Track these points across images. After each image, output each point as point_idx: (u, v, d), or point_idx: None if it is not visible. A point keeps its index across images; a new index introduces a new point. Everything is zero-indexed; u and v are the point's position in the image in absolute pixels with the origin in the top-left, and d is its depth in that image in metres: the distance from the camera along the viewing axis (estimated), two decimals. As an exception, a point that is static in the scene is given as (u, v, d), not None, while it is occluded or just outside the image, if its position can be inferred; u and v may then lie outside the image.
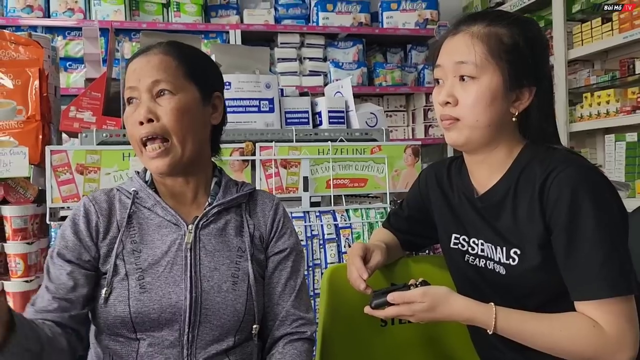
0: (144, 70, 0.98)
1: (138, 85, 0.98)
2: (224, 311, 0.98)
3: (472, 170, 1.09)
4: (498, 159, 1.03)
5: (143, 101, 0.97)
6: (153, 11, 3.39)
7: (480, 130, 0.98)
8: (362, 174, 1.90)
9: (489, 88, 0.96)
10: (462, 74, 0.98)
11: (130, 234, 1.00)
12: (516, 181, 1.00)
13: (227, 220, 1.05)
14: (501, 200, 1.02)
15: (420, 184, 1.24)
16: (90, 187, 1.62)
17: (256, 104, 1.91)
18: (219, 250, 1.02)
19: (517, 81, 0.97)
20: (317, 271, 1.78)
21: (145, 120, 0.96)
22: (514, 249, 0.99)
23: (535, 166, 0.98)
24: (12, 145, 1.60)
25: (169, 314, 0.96)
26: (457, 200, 1.12)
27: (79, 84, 3.11)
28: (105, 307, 0.96)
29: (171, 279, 0.97)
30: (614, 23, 2.81)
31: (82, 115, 1.72)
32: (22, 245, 1.55)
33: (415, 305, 0.97)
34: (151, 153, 0.97)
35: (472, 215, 1.08)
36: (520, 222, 0.99)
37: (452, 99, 0.99)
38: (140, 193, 1.04)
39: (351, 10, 3.64)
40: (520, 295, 0.99)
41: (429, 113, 3.74)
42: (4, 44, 1.72)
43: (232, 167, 1.78)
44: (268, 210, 1.10)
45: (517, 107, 0.99)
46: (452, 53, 1.00)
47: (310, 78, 3.50)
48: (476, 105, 0.97)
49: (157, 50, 1.00)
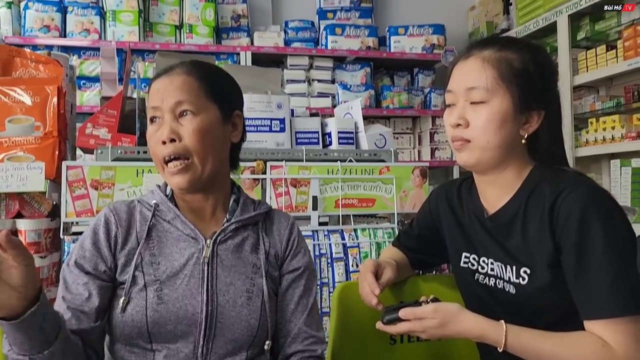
0: (167, 90, 1.00)
1: (161, 105, 1.00)
2: (238, 325, 0.99)
3: (483, 190, 1.11)
4: (508, 180, 1.05)
5: (166, 121, 1.00)
6: (166, 32, 3.47)
7: (491, 151, 1.01)
8: (371, 194, 1.93)
9: (500, 111, 0.99)
10: (473, 100, 1.01)
11: (150, 246, 1.02)
12: (526, 201, 1.02)
13: (244, 237, 1.07)
14: (511, 220, 1.04)
15: (430, 204, 1.26)
16: (104, 202, 1.65)
17: (267, 123, 1.95)
18: (235, 266, 1.04)
19: (527, 104, 1.00)
20: (324, 290, 1.79)
21: (168, 140, 0.99)
22: (524, 268, 1.01)
23: (544, 187, 1.00)
24: (29, 160, 1.64)
25: (185, 325, 0.97)
26: (467, 219, 1.14)
27: (92, 102, 3.17)
28: (122, 317, 0.97)
29: (188, 291, 0.99)
30: (619, 50, 2.86)
31: (98, 132, 1.76)
32: (35, 259, 1.57)
33: (427, 321, 0.98)
34: (172, 170, 1.00)
35: (482, 235, 1.10)
36: (530, 242, 1.01)
37: (463, 121, 1.02)
38: (160, 206, 1.06)
39: (359, 35, 3.71)
40: (530, 315, 1.00)
41: (436, 136, 3.77)
42: (25, 62, 1.77)
43: (243, 185, 1.81)
44: (284, 229, 1.13)
45: (527, 130, 1.02)
46: (463, 78, 1.03)
47: (318, 99, 3.55)
48: (487, 127, 1.00)
49: (180, 70, 1.03)
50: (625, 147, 2.81)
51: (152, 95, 1.02)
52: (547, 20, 3.28)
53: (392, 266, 1.20)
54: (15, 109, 1.67)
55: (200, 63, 1.07)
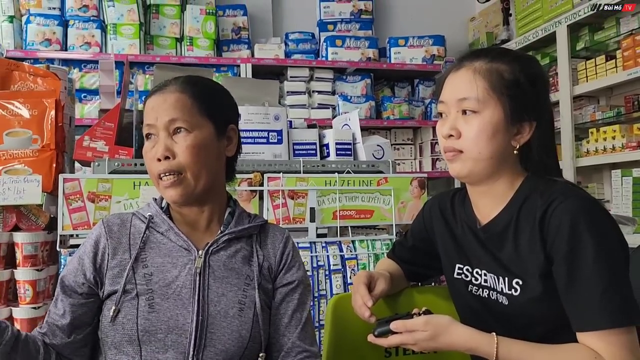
0: (161, 108, 1.03)
1: (155, 123, 1.03)
2: (229, 336, 0.99)
3: (475, 201, 1.11)
4: (500, 191, 1.05)
5: (160, 138, 1.02)
6: (167, 45, 3.49)
7: (483, 162, 1.01)
8: (369, 205, 1.92)
9: (491, 122, 0.99)
10: (465, 109, 1.01)
11: (142, 257, 1.04)
12: (517, 212, 1.02)
13: (237, 249, 1.08)
14: (503, 231, 1.04)
15: (424, 215, 1.26)
16: (100, 214, 1.65)
17: (265, 135, 1.95)
18: (227, 277, 1.04)
19: (518, 115, 1.00)
20: (322, 302, 1.78)
21: (162, 158, 1.01)
22: (516, 279, 1.00)
23: (536, 197, 1.00)
24: (26, 173, 1.64)
25: (175, 335, 0.97)
26: (461, 230, 1.14)
27: (92, 115, 3.18)
28: (113, 325, 0.99)
29: (180, 301, 0.99)
30: (618, 60, 2.86)
31: (95, 144, 1.77)
32: (31, 272, 1.57)
33: (418, 334, 0.98)
34: (165, 182, 1.02)
35: (474, 246, 1.09)
36: (521, 253, 1.00)
37: (455, 132, 1.02)
38: (155, 218, 1.08)
39: (360, 46, 3.72)
40: (522, 326, 1.00)
41: (436, 146, 3.77)
42: (23, 75, 1.79)
43: (240, 197, 1.81)
44: (278, 242, 1.13)
45: (518, 141, 1.02)
46: (454, 89, 1.04)
47: (319, 111, 3.56)
48: (479, 138, 1.00)
49: (174, 87, 1.05)
50: (626, 157, 2.80)
51: (147, 113, 1.05)
52: (547, 31, 3.29)
53: (386, 278, 1.19)
54: (13, 122, 1.68)
55: (194, 79, 1.09)
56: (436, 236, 1.21)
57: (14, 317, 1.57)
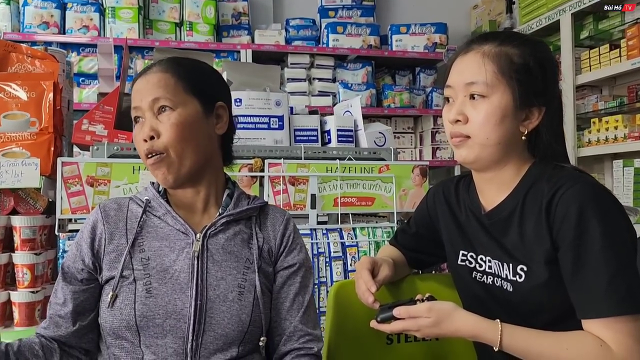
0: (144, 89, 1.02)
1: (141, 104, 1.02)
2: (229, 321, 0.98)
3: (481, 187, 1.09)
4: (506, 177, 1.03)
5: (147, 119, 1.01)
6: (166, 30, 3.45)
7: (490, 148, 0.99)
8: (370, 192, 1.91)
9: (499, 106, 0.97)
10: (473, 93, 0.99)
11: (139, 242, 1.03)
12: (523, 198, 1.01)
13: (236, 231, 1.06)
14: (508, 217, 1.02)
15: (428, 202, 1.25)
16: (99, 199, 1.63)
17: (266, 121, 1.93)
18: (226, 260, 1.03)
19: (527, 100, 0.98)
20: (322, 289, 1.77)
21: (147, 138, 1.00)
22: (521, 266, 0.99)
23: (542, 184, 0.98)
24: (24, 156, 1.62)
25: (174, 320, 0.96)
26: (465, 217, 1.12)
27: (91, 99, 3.15)
28: (111, 311, 0.98)
29: (177, 286, 0.98)
30: (622, 49, 2.83)
31: (94, 128, 1.75)
32: (30, 256, 1.56)
33: (421, 320, 0.97)
34: (149, 162, 1.02)
35: (479, 232, 1.08)
36: (527, 239, 0.99)
37: (462, 117, 1.00)
38: (152, 202, 1.07)
39: (361, 33, 3.68)
40: (527, 313, 0.98)
41: (437, 135, 3.75)
42: (21, 57, 1.76)
43: (241, 182, 1.79)
44: (278, 224, 1.11)
45: (527, 126, 1.00)
46: (462, 73, 1.01)
47: (319, 98, 3.53)
48: (486, 123, 0.97)
49: (157, 68, 1.04)
50: (627, 147, 2.79)
51: (133, 96, 1.04)
52: (550, 19, 3.26)
53: (389, 264, 1.18)
54: (10, 105, 1.66)
55: (177, 59, 1.08)
56: (440, 223, 1.19)
57: (12, 300, 1.56)
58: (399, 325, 0.99)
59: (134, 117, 1.04)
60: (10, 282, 1.61)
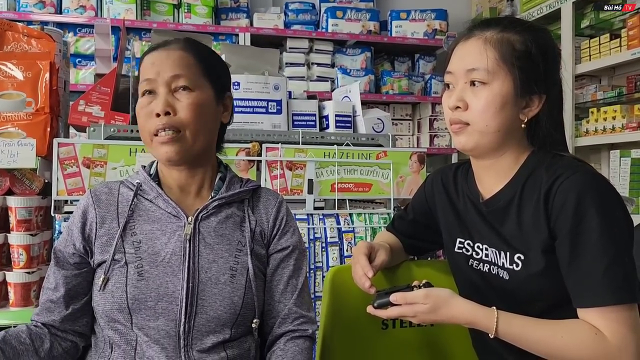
0: (163, 64, 1.01)
1: (157, 78, 1.00)
2: (221, 303, 0.99)
3: (479, 175, 1.09)
4: (505, 165, 1.03)
5: (160, 94, 1.00)
6: (164, 11, 3.41)
7: (490, 135, 0.99)
8: (367, 178, 1.91)
9: (500, 94, 0.96)
10: (473, 79, 0.98)
11: (130, 225, 1.02)
12: (522, 187, 1.00)
13: (228, 214, 1.06)
14: (506, 205, 1.02)
15: (426, 188, 1.24)
16: (96, 180, 1.62)
17: (264, 105, 1.92)
18: (218, 243, 1.03)
19: (528, 88, 0.97)
20: (318, 274, 1.78)
21: (162, 113, 0.98)
22: (518, 254, 0.99)
23: (541, 172, 0.98)
24: (20, 136, 1.61)
25: (166, 303, 0.96)
26: (463, 204, 1.12)
27: (87, 81, 3.13)
28: (103, 294, 0.98)
29: (169, 268, 0.98)
30: (623, 39, 2.82)
31: (90, 109, 1.73)
32: (25, 237, 1.56)
33: (418, 306, 0.97)
34: (162, 138, 0.99)
35: (476, 220, 1.08)
36: (524, 228, 0.99)
37: (462, 104, 0.99)
38: (143, 185, 1.06)
39: (360, 18, 3.65)
40: (523, 301, 0.99)
41: (435, 123, 3.74)
42: (17, 36, 1.74)
43: (238, 166, 1.78)
44: (271, 207, 1.11)
45: (527, 114, 1.00)
46: (463, 59, 1.00)
47: (317, 83, 3.51)
48: (486, 111, 0.97)
49: (177, 46, 1.03)
50: (625, 138, 2.79)
51: (146, 68, 1.02)
52: (551, 7, 3.23)
53: (386, 249, 1.18)
54: (6, 84, 1.64)
55: (195, 41, 1.08)
56: (438, 210, 1.19)
57: (8, 281, 1.56)
58: (396, 311, 0.99)
59: (145, 89, 1.01)
60: (6, 262, 1.61)
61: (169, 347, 0.96)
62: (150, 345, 0.96)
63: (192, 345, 0.97)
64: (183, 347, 0.96)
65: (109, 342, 0.99)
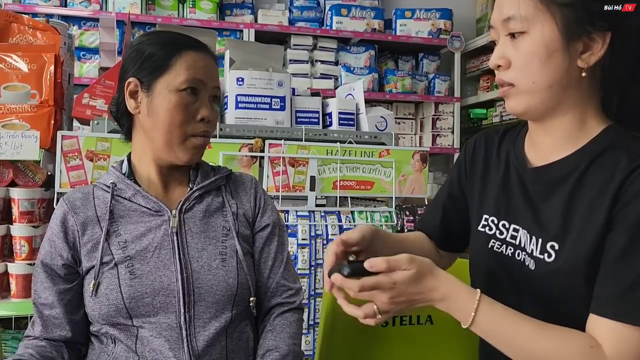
0: (211, 73, 1.05)
1: (207, 82, 1.04)
2: (217, 287, 1.00)
3: (535, 137, 0.92)
4: (569, 128, 0.86)
5: (205, 100, 1.04)
6: (169, 6, 3.41)
7: (540, 93, 0.83)
8: (369, 176, 1.91)
9: (542, 42, 0.80)
10: (511, 31, 0.83)
11: (113, 228, 1.01)
12: (590, 161, 0.83)
13: (208, 202, 1.08)
14: (561, 179, 0.85)
15: (466, 150, 1.07)
16: (99, 174, 1.63)
17: (267, 101, 1.92)
18: (204, 232, 1.04)
19: (578, 28, 0.79)
20: (319, 271, 1.78)
21: (208, 120, 1.03)
22: (552, 243, 0.83)
23: (619, 153, 0.80)
24: (24, 128, 1.61)
25: (163, 297, 0.97)
26: (503, 172, 0.96)
27: (91, 74, 3.13)
28: (96, 298, 0.97)
29: (160, 263, 0.99)
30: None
31: (95, 102, 1.74)
32: (28, 228, 1.56)
33: (398, 274, 0.76)
34: (198, 142, 1.04)
35: (514, 192, 0.92)
36: (574, 211, 0.82)
37: (503, 61, 0.85)
38: (118, 185, 1.05)
39: (365, 16, 3.65)
40: (542, 298, 0.85)
41: (438, 122, 3.74)
42: (22, 28, 1.74)
43: (240, 162, 1.79)
44: (249, 188, 1.15)
45: (587, 60, 0.81)
46: (500, 7, 0.85)
47: (321, 81, 3.51)
48: (529, 65, 0.82)
49: (212, 55, 1.08)
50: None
51: (198, 67, 1.03)
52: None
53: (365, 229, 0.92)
54: (11, 76, 1.64)
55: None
56: (473, 178, 1.02)
57: (10, 272, 1.56)
58: (372, 280, 0.76)
59: (190, 87, 1.01)
60: (8, 253, 1.62)
61: (172, 338, 0.96)
62: (153, 338, 0.96)
63: (196, 334, 0.97)
64: (185, 337, 0.97)
65: (111, 337, 0.99)
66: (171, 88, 1.00)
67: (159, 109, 1.00)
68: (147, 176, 1.07)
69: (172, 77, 1.00)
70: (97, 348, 1.02)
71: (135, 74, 1.02)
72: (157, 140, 1.02)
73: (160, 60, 1.01)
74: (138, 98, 1.03)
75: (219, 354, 0.99)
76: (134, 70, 1.02)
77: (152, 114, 1.01)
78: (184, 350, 0.96)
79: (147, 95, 1.01)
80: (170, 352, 0.95)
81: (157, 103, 1.00)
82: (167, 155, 1.03)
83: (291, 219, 1.78)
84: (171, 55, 1.01)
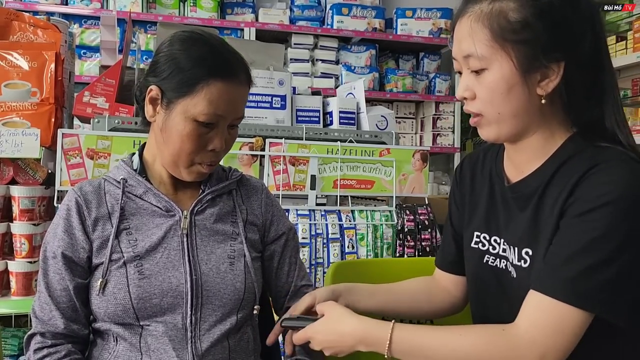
0: (236, 103, 1.00)
1: (227, 116, 0.98)
2: (225, 291, 1.00)
3: (511, 154, 0.96)
4: (539, 144, 0.90)
5: (222, 130, 0.99)
6: (170, 4, 3.41)
7: (507, 122, 0.87)
8: (370, 175, 1.91)
9: (502, 77, 0.84)
10: (471, 68, 0.87)
11: (124, 224, 1.00)
12: (555, 170, 0.88)
13: (220, 206, 1.07)
14: (534, 189, 0.90)
15: (455, 176, 1.12)
16: (99, 172, 1.63)
17: (268, 100, 1.92)
18: (213, 235, 1.04)
19: (534, 61, 0.83)
20: (319, 269, 1.78)
21: (219, 149, 1.00)
22: (526, 249, 0.88)
23: (578, 161, 0.85)
24: (25, 126, 1.61)
25: (171, 298, 0.97)
26: (488, 190, 1.01)
27: (92, 72, 3.13)
28: (103, 296, 0.96)
29: (170, 264, 0.98)
30: (629, 42, 2.82)
31: (95, 100, 1.74)
32: (28, 226, 1.56)
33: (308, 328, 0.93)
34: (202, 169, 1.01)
35: (498, 208, 0.97)
36: (540, 218, 0.87)
37: (468, 93, 0.89)
38: (129, 181, 1.03)
39: (366, 15, 3.65)
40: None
41: (438, 122, 3.74)
42: (23, 26, 1.74)
43: (241, 161, 1.79)
44: (259, 194, 1.14)
45: (545, 88, 0.84)
46: (459, 43, 0.88)
47: (321, 80, 3.51)
48: (493, 98, 0.85)
49: (244, 78, 1.00)
50: (629, 141, 2.77)
51: (221, 101, 0.96)
52: (557, 9, 3.22)
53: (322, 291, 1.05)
54: (11, 74, 1.64)
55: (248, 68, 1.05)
56: (463, 199, 1.07)
57: (10, 270, 1.56)
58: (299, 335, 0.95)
59: (209, 122, 0.96)
60: (8, 251, 1.62)
61: (176, 338, 0.96)
62: (157, 338, 0.96)
63: (200, 336, 0.97)
64: (190, 338, 0.96)
65: (114, 335, 0.98)
66: (188, 115, 0.95)
67: (172, 131, 0.97)
68: (159, 174, 1.05)
69: (193, 103, 0.95)
70: (98, 344, 1.01)
71: (161, 82, 0.98)
72: (164, 155, 1.00)
73: (186, 80, 0.95)
74: (157, 108, 0.99)
75: (222, 355, 0.99)
76: (162, 77, 0.98)
77: (165, 131, 0.98)
78: (188, 351, 0.95)
79: (165, 111, 0.98)
80: (173, 351, 0.95)
81: (171, 124, 0.97)
82: (171, 170, 1.02)
83: (291, 218, 1.78)
84: (198, 79, 0.95)
